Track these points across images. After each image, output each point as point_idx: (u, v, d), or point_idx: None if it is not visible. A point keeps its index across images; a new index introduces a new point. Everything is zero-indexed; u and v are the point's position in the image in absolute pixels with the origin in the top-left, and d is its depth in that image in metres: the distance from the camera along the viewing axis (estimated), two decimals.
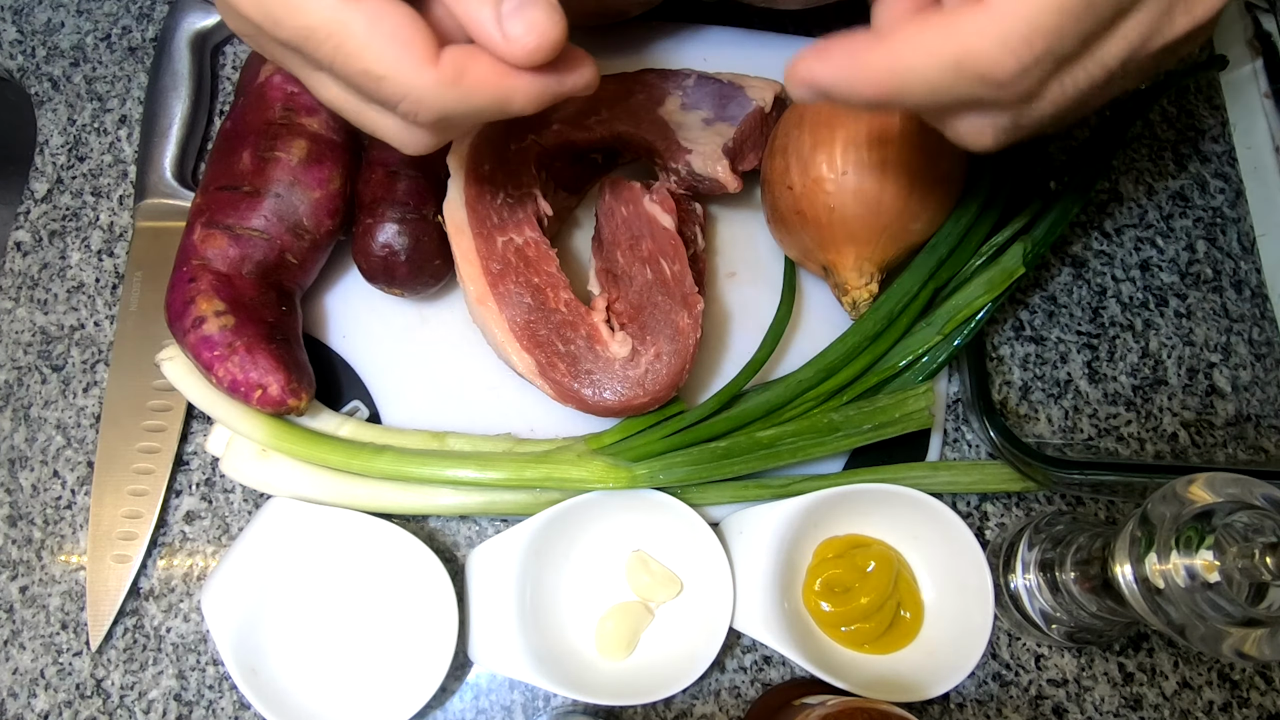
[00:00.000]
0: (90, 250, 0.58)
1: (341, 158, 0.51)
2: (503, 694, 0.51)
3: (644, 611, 0.50)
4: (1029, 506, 0.54)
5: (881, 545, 0.50)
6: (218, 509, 0.54)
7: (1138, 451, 0.56)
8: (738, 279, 0.56)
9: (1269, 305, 0.59)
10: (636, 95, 0.54)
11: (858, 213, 0.47)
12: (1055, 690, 0.51)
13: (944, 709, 0.51)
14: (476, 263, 0.50)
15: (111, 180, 0.60)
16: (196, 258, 0.48)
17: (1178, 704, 0.51)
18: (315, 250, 0.51)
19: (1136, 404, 0.56)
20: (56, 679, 0.51)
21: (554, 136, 0.53)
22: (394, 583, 0.50)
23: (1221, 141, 0.63)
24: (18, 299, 0.57)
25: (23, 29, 0.63)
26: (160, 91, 0.58)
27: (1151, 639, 0.52)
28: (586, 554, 0.51)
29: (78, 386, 0.55)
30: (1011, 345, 0.57)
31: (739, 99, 0.53)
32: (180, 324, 0.47)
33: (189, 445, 0.54)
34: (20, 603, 0.52)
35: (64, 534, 0.53)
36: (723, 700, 0.51)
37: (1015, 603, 0.49)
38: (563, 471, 0.48)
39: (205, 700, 0.51)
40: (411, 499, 0.49)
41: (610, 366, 0.48)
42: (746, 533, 0.49)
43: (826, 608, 0.49)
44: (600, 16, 0.57)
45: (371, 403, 0.54)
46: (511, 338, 0.49)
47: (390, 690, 0.48)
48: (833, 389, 0.50)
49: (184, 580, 0.52)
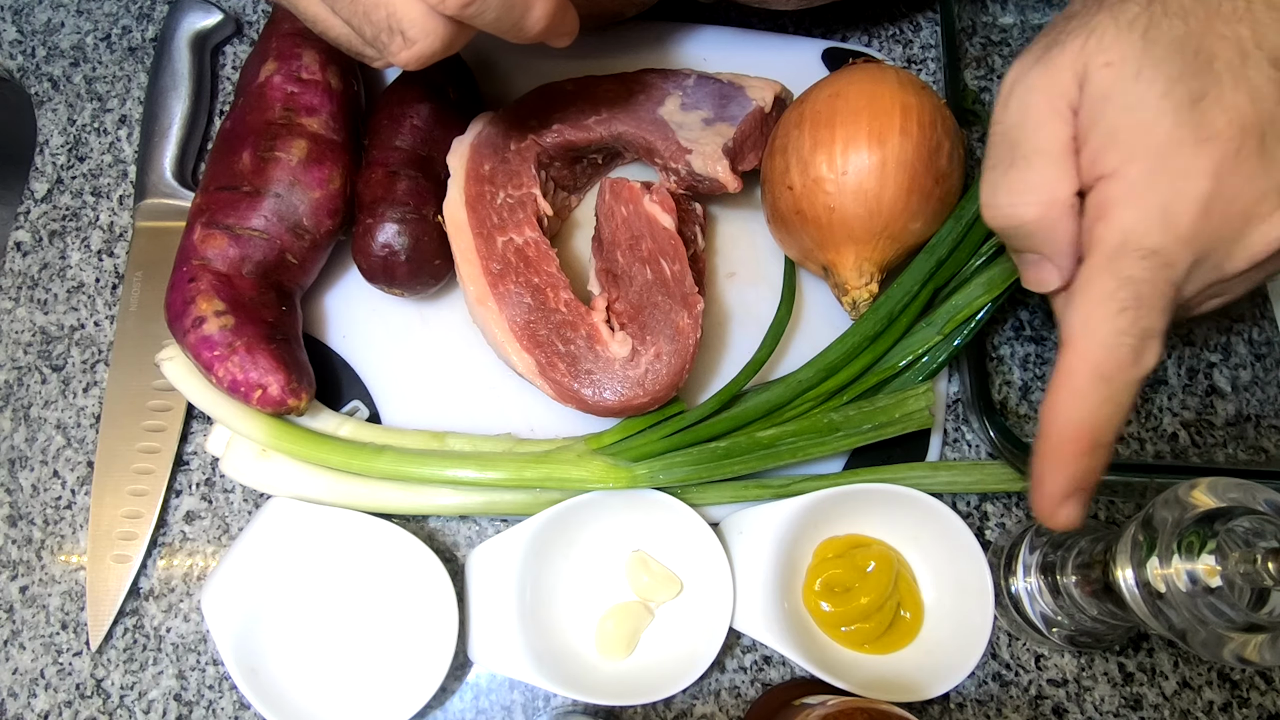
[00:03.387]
0: (90, 250, 0.58)
1: (341, 158, 0.51)
2: (503, 694, 0.51)
3: (644, 611, 0.50)
4: (1029, 507, 0.54)
5: (881, 545, 0.50)
6: (218, 509, 0.54)
7: (1138, 451, 0.56)
8: (738, 279, 0.56)
9: (1269, 305, 0.59)
10: (636, 95, 0.54)
11: (858, 213, 0.47)
12: (1055, 690, 0.51)
13: (944, 709, 0.51)
14: (476, 263, 0.50)
15: (111, 180, 0.60)
16: (196, 258, 0.48)
17: (1178, 704, 0.51)
18: (315, 250, 0.51)
19: (1136, 404, 0.56)
20: (56, 679, 0.51)
21: (554, 136, 0.53)
22: (394, 583, 0.50)
23: None
24: (18, 299, 0.57)
25: (23, 29, 0.63)
26: (160, 91, 0.58)
27: (1151, 639, 0.52)
28: (586, 554, 0.51)
29: (78, 386, 0.55)
30: (1011, 345, 0.57)
31: (739, 99, 0.53)
32: (180, 324, 0.47)
33: (189, 445, 0.54)
34: (20, 603, 0.52)
35: (64, 534, 0.53)
36: (723, 700, 0.51)
37: (1016, 606, 0.49)
38: (563, 471, 0.48)
39: (205, 700, 0.51)
40: (411, 499, 0.49)
41: (610, 366, 0.48)
42: (746, 533, 0.49)
43: (826, 608, 0.49)
44: (594, 19, 0.57)
45: (371, 403, 0.54)
46: (511, 338, 0.49)
47: (390, 690, 0.48)
48: (833, 389, 0.50)
49: (184, 580, 0.52)
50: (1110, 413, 0.34)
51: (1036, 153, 0.35)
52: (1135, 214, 0.32)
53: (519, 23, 0.36)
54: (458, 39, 0.37)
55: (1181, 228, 0.32)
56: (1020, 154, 0.35)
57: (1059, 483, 0.35)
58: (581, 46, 0.59)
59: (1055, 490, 0.35)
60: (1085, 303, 0.33)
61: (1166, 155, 0.32)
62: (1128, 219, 0.32)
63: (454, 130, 0.53)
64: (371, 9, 0.35)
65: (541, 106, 0.54)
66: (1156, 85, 0.32)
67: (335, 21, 0.38)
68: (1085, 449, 0.34)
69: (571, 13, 0.39)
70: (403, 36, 0.36)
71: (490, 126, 0.53)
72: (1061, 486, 0.35)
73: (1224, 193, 0.32)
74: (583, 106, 0.53)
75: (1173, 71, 0.32)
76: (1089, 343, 0.33)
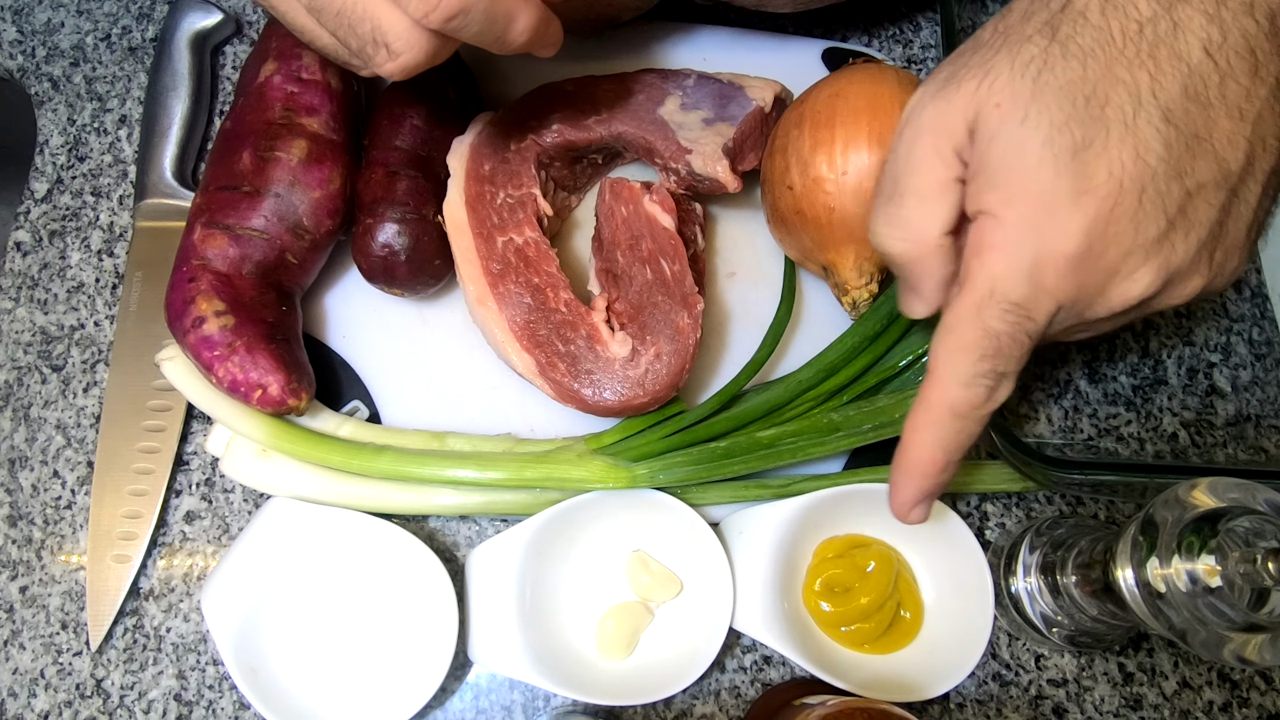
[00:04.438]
0: (90, 250, 0.58)
1: (341, 158, 0.51)
2: (503, 694, 0.51)
3: (644, 611, 0.50)
4: (1029, 507, 0.54)
5: (881, 545, 0.50)
6: (218, 509, 0.54)
7: (1138, 451, 0.56)
8: (738, 279, 0.56)
9: (1269, 305, 0.59)
10: (636, 95, 0.54)
11: (858, 213, 0.47)
12: (1055, 690, 0.51)
13: (944, 709, 0.51)
14: (476, 263, 0.50)
15: (111, 180, 0.60)
16: (196, 258, 0.48)
17: (1178, 704, 0.51)
18: (315, 250, 0.51)
19: (1136, 404, 0.56)
20: (56, 679, 0.51)
21: (554, 136, 0.53)
22: (394, 583, 0.50)
23: None
24: (18, 299, 0.57)
25: (23, 29, 0.63)
26: (160, 91, 0.58)
27: (1151, 639, 0.52)
28: (586, 554, 0.51)
29: (78, 386, 0.55)
30: None
31: (739, 99, 0.53)
32: (180, 324, 0.47)
33: (189, 445, 0.54)
34: (20, 603, 0.52)
35: (64, 534, 0.53)
36: (723, 700, 0.51)
37: (1016, 606, 0.49)
38: (563, 471, 0.48)
39: (205, 700, 0.51)
40: (411, 499, 0.49)
41: (610, 366, 0.48)
42: (746, 533, 0.49)
43: (826, 608, 0.49)
44: (591, 23, 0.57)
45: (371, 403, 0.54)
46: (511, 338, 0.49)
47: (390, 690, 0.48)
48: (833, 389, 0.50)
49: (184, 580, 0.52)
50: (962, 441, 0.36)
51: (911, 192, 0.35)
52: (1005, 263, 0.33)
53: (503, 35, 0.37)
54: (442, 51, 0.37)
55: (1048, 283, 0.32)
56: (899, 190, 0.36)
57: (911, 493, 0.37)
58: (581, 47, 0.59)
59: (908, 499, 0.38)
60: (949, 344, 0.34)
61: (1042, 206, 0.32)
62: (998, 266, 0.33)
63: (454, 130, 0.53)
64: (357, 21, 0.36)
65: (541, 106, 0.54)
66: (1040, 131, 0.32)
67: (321, 32, 0.38)
68: (938, 469, 0.36)
69: (555, 23, 0.39)
70: (387, 49, 0.36)
71: (490, 126, 0.53)
72: (913, 496, 0.37)
73: (1094, 249, 0.32)
74: (583, 106, 0.53)
75: (1058, 118, 0.32)
76: (948, 381, 0.34)
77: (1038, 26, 0.33)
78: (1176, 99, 0.31)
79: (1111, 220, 0.32)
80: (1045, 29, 0.33)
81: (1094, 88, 0.32)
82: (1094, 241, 0.32)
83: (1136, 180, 0.31)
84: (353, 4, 0.36)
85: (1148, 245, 0.32)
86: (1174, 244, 0.32)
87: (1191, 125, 0.31)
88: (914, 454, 0.36)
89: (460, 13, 0.35)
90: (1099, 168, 0.31)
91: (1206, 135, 0.32)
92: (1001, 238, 0.33)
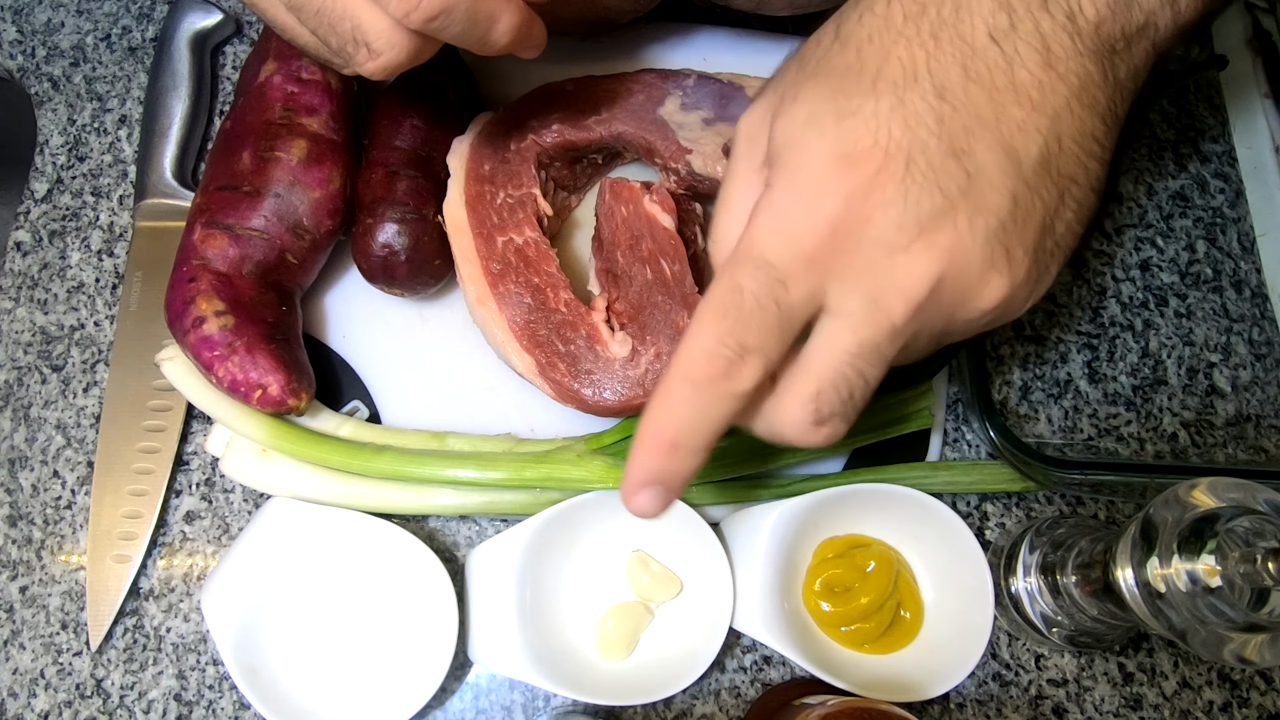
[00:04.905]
0: (90, 250, 0.58)
1: (341, 158, 0.51)
2: (503, 694, 0.51)
3: (644, 611, 0.50)
4: (1029, 507, 0.54)
5: (881, 545, 0.50)
6: (218, 509, 0.54)
7: (1138, 451, 0.56)
8: None
9: (1269, 305, 0.59)
10: (636, 95, 0.54)
11: None
12: (1055, 690, 0.51)
13: (944, 709, 0.51)
14: (476, 263, 0.50)
15: (111, 180, 0.60)
16: (196, 258, 0.48)
17: (1178, 704, 0.51)
18: (315, 250, 0.51)
19: (1136, 404, 0.56)
20: (56, 679, 0.51)
21: (554, 136, 0.53)
22: (394, 583, 0.50)
23: (1221, 141, 0.63)
24: (18, 299, 0.57)
25: (23, 29, 0.63)
26: (160, 91, 0.58)
27: (1151, 639, 0.52)
28: (586, 554, 0.51)
29: (78, 386, 0.55)
30: (1011, 345, 0.57)
31: (739, 99, 0.53)
32: (180, 324, 0.47)
33: (189, 445, 0.54)
34: (20, 603, 0.52)
35: (64, 534, 0.53)
36: (723, 700, 0.51)
37: (1016, 606, 0.49)
38: (563, 471, 0.48)
39: (205, 700, 0.51)
40: (411, 499, 0.49)
41: (610, 366, 0.48)
42: (746, 533, 0.49)
43: (826, 608, 0.49)
44: (588, 25, 0.56)
45: (371, 403, 0.54)
46: (511, 338, 0.49)
47: (390, 690, 0.48)
48: None
49: (184, 580, 0.52)
50: (694, 420, 0.32)
51: (722, 206, 0.36)
52: (764, 223, 0.32)
53: (484, 36, 0.37)
54: (423, 51, 0.37)
55: (805, 245, 0.31)
56: (719, 203, 0.36)
57: (636, 471, 0.34)
58: (581, 48, 0.59)
59: (633, 478, 0.34)
60: (700, 305, 0.32)
61: (806, 171, 0.31)
62: (757, 228, 0.32)
63: (454, 130, 0.53)
64: (336, 20, 0.36)
65: (541, 106, 0.54)
66: (810, 105, 0.32)
67: (302, 31, 0.38)
68: (665, 447, 0.33)
69: (539, 25, 0.39)
70: (368, 48, 0.36)
71: (490, 126, 0.53)
72: (638, 476, 0.34)
73: (856, 214, 0.30)
74: (583, 106, 0.53)
75: (827, 92, 0.32)
76: (689, 342, 0.32)
77: (829, 28, 0.34)
78: (955, 78, 0.31)
79: (876, 185, 0.30)
80: (831, 27, 0.34)
81: (865, 64, 0.32)
82: (856, 206, 0.30)
83: (904, 148, 0.30)
84: (332, 2, 0.36)
85: (922, 219, 0.30)
86: (956, 225, 0.31)
87: (973, 107, 0.31)
88: (645, 422, 0.33)
89: (441, 13, 0.35)
90: (864, 134, 0.31)
91: (992, 120, 0.31)
92: (766, 201, 0.32)
